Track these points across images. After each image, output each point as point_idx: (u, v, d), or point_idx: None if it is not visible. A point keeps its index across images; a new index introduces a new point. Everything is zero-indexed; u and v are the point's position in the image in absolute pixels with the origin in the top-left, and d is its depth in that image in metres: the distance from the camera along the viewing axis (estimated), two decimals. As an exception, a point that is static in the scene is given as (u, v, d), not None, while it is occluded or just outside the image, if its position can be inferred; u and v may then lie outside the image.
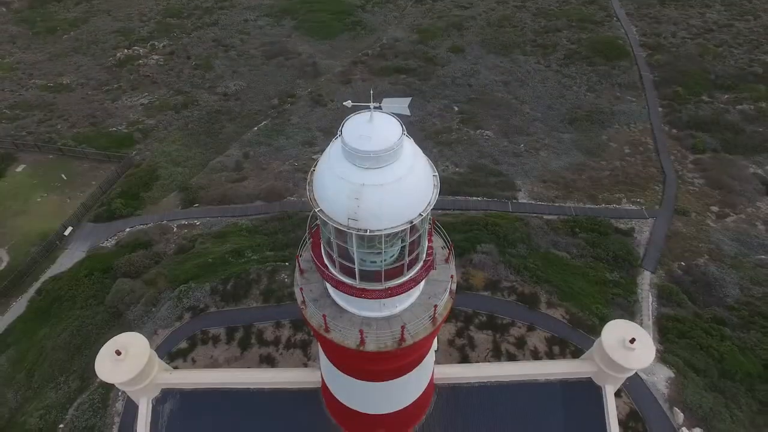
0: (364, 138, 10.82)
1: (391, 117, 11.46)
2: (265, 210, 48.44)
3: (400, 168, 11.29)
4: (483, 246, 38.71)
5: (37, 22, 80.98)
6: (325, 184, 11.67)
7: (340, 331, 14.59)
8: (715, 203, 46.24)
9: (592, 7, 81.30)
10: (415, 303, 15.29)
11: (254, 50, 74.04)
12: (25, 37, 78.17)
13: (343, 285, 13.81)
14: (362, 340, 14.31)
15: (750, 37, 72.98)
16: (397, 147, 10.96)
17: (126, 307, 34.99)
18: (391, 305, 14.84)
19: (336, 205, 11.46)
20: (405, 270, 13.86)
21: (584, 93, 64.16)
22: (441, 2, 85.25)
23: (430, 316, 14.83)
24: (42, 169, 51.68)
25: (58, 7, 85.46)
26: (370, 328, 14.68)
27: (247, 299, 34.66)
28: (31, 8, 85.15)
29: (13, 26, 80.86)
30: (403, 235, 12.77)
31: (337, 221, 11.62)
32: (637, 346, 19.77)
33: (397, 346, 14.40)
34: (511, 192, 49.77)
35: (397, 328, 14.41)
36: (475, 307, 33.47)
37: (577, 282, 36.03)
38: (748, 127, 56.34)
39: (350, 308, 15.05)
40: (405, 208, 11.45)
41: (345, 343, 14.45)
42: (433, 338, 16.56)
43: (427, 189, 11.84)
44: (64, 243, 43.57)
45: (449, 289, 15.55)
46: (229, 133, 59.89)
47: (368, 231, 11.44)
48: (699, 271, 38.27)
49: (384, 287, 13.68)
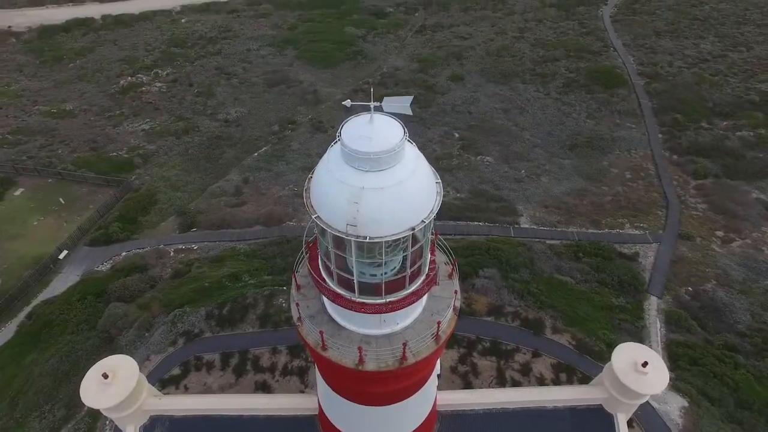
0: (364, 139, 10.35)
1: (393, 119, 11.04)
2: (263, 235, 47.92)
3: (402, 171, 10.77)
4: (485, 270, 37.93)
5: (44, 52, 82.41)
6: (323, 188, 11.14)
7: (338, 349, 13.78)
8: (720, 228, 45.65)
9: (589, 38, 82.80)
10: (417, 320, 14.53)
11: (256, 78, 74.97)
12: (32, 65, 79.40)
13: (341, 298, 13.10)
14: (361, 359, 13.48)
15: (744, 66, 74.05)
16: (398, 149, 10.47)
17: (118, 332, 33.95)
18: (392, 322, 14.07)
19: (334, 210, 10.88)
20: (406, 283, 13.17)
21: (584, 120, 64.51)
22: (441, 33, 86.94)
23: (433, 334, 14.05)
24: (40, 192, 51.37)
25: (66, 37, 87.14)
26: (369, 346, 13.87)
27: (243, 324, 33.65)
28: (40, 39, 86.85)
29: (22, 56, 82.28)
30: (404, 244, 12.17)
31: (336, 228, 11.03)
32: (650, 370, 18.76)
33: (398, 365, 13.55)
34: (513, 217, 49.30)
35: (398, 345, 13.61)
36: (478, 333, 32.43)
37: (583, 307, 35.08)
38: (749, 153, 56.35)
39: (349, 325, 14.28)
40: (407, 213, 10.86)
41: (343, 362, 13.61)
42: (437, 358, 15.68)
43: (430, 194, 11.30)
44: (58, 267, 42.78)
45: (453, 306, 14.81)
46: (229, 158, 59.89)
47: (368, 238, 10.83)
48: (707, 297, 37.34)
49: (384, 301, 12.97)
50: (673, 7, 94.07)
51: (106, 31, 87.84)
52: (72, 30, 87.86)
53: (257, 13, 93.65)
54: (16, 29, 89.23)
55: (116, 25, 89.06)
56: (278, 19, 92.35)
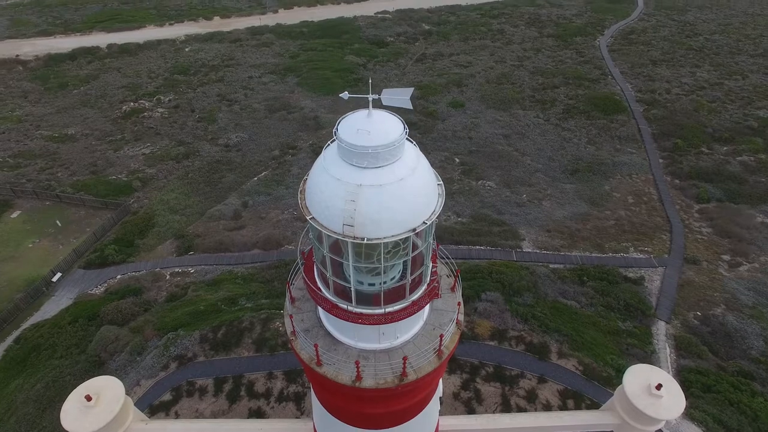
0: (362, 133, 9.81)
1: (392, 115, 10.56)
2: (261, 258, 47.17)
3: (402, 169, 10.20)
4: (488, 294, 36.99)
5: (50, 79, 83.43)
6: (319, 187, 10.53)
7: (334, 365, 12.90)
8: (726, 252, 44.85)
9: (587, 66, 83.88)
10: (418, 334, 13.71)
11: (257, 104, 75.55)
12: (37, 92, 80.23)
13: (338, 309, 12.33)
14: (358, 375, 12.59)
15: (741, 94, 74.78)
16: (398, 143, 9.94)
17: (109, 356, 32.79)
18: (392, 335, 13.25)
19: (330, 210, 10.24)
20: (407, 293, 12.43)
21: (584, 145, 64.54)
22: (441, 61, 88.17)
23: (435, 349, 13.20)
24: (37, 215, 50.86)
25: (72, 65, 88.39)
26: (367, 361, 13.01)
27: (239, 348, 32.51)
28: (46, 67, 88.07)
29: (28, 83, 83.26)
30: (405, 251, 11.48)
31: (331, 229, 10.38)
32: (664, 393, 17.74)
33: (398, 383, 12.65)
34: (515, 241, 48.59)
35: (398, 361, 12.76)
36: (481, 358, 31.26)
37: (589, 331, 33.97)
38: (751, 177, 56.10)
39: (346, 339, 13.44)
40: (407, 213, 10.22)
41: (339, 379, 12.71)
42: (439, 376, 14.75)
43: (431, 194, 10.69)
44: (51, 290, 41.85)
45: (456, 320, 14.01)
46: (229, 182, 59.64)
47: (365, 239, 10.17)
48: (717, 322, 36.25)
49: (383, 312, 12.19)
50: (668, 37, 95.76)
51: (112, 59, 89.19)
52: (78, 58, 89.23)
53: (260, 42, 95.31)
54: (24, 58, 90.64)
55: (121, 54, 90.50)
56: (280, 48, 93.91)
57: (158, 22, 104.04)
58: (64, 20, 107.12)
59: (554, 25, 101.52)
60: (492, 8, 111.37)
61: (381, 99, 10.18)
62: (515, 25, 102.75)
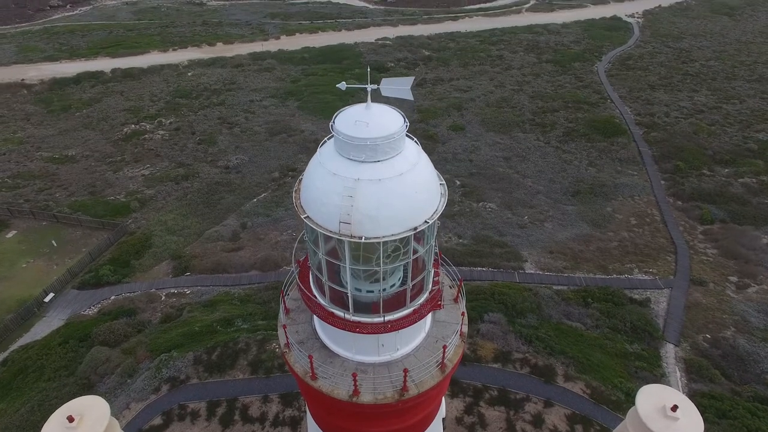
0: (360, 124, 9.32)
1: (392, 108, 10.09)
2: (259, 279, 46.31)
3: (402, 164, 9.66)
4: (490, 315, 36.02)
5: (53, 102, 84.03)
6: (314, 183, 9.99)
7: (330, 378, 12.12)
8: (733, 273, 43.98)
9: (586, 91, 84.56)
10: (420, 346, 12.96)
11: (258, 127, 75.80)
12: (40, 114, 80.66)
13: (334, 317, 11.62)
14: (356, 389, 11.79)
15: (739, 117, 75.08)
16: (398, 136, 9.43)
17: (99, 378, 31.63)
18: (391, 347, 12.50)
19: (326, 207, 9.67)
20: (407, 300, 11.74)
21: (585, 167, 64.36)
22: (441, 86, 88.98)
23: (438, 362, 12.42)
24: (33, 235, 50.21)
25: (76, 89, 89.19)
26: (366, 375, 12.22)
27: (234, 370, 31.39)
28: (50, 90, 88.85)
29: (32, 105, 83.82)
30: (405, 256, 10.84)
31: (327, 228, 9.78)
32: (681, 414, 16.76)
33: (398, 398, 11.84)
34: (518, 263, 47.81)
35: (398, 374, 11.97)
36: (485, 381, 30.11)
37: (595, 354, 32.87)
38: (753, 199, 55.65)
39: (343, 352, 12.69)
40: (407, 210, 9.64)
41: (335, 394, 11.91)
42: (442, 392, 13.89)
43: (433, 192, 10.13)
44: (43, 310, 40.85)
45: (460, 331, 13.26)
46: (228, 204, 59.20)
47: (363, 238, 9.56)
48: (727, 345, 35.14)
49: (382, 320, 11.48)
50: (665, 63, 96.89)
51: (115, 83, 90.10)
52: (82, 82, 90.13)
53: (261, 67, 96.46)
54: (29, 82, 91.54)
55: (125, 78, 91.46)
56: (282, 72, 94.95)
57: (162, 47, 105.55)
58: (70, 46, 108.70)
59: (552, 52, 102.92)
60: (491, 35, 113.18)
61: (380, 89, 9.71)
62: (514, 51, 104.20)
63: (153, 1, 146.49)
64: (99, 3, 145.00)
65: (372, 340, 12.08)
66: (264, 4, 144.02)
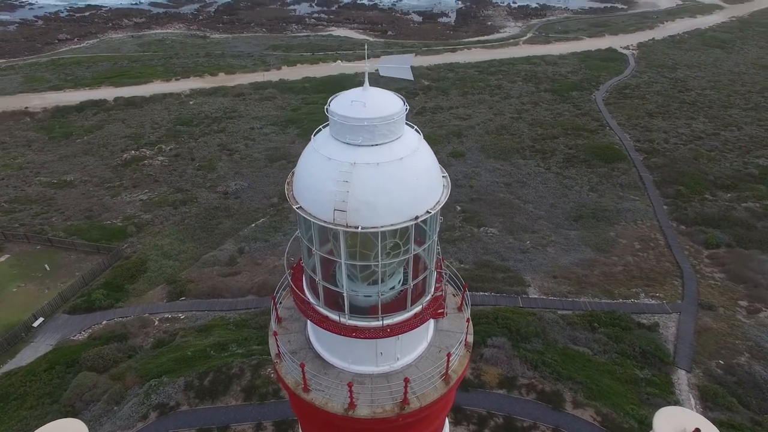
0: (356, 104, 8.70)
1: (392, 93, 9.51)
2: (256, 304, 45.22)
3: (402, 148, 9.00)
4: (494, 339, 34.79)
5: (55, 129, 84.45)
6: (308, 169, 9.29)
7: (324, 391, 11.11)
8: (743, 298, 42.84)
9: (585, 118, 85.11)
10: (422, 356, 12.00)
11: (258, 154, 75.85)
12: (41, 141, 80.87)
13: (329, 321, 10.72)
14: (352, 402, 10.77)
15: (738, 144, 75.27)
16: (397, 118, 8.80)
17: (84, 406, 30.16)
18: (391, 356, 11.54)
19: (320, 194, 8.94)
20: (408, 303, 10.87)
21: (587, 192, 63.96)
22: (441, 114, 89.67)
23: (442, 373, 11.44)
24: (26, 259, 49.27)
25: (78, 116, 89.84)
26: (363, 386, 11.22)
27: (226, 396, 29.98)
28: (53, 118, 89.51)
29: (33, 132, 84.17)
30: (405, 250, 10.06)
31: (320, 218, 9.03)
32: (702, 438, 15.57)
33: (398, 411, 10.80)
34: (521, 287, 46.77)
35: (398, 386, 10.97)
36: (489, 407, 28.70)
37: (604, 379, 31.48)
38: (758, 223, 54.98)
39: (338, 362, 11.72)
40: (407, 198, 8.91)
41: (329, 407, 10.88)
42: (447, 408, 12.81)
43: (435, 179, 9.43)
44: (31, 336, 39.51)
45: (465, 341, 12.33)
46: (226, 229, 58.52)
47: (360, 227, 8.80)
48: (743, 371, 33.72)
49: (381, 324, 10.59)
50: (661, 92, 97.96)
51: (117, 110, 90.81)
52: (85, 110, 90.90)
53: (262, 96, 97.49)
54: (33, 110, 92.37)
55: (127, 106, 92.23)
56: (282, 101, 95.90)
57: (165, 77, 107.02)
58: (75, 76, 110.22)
59: (551, 81, 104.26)
60: (489, 66, 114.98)
61: (378, 69, 9.14)
62: (512, 81, 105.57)
63: (158, 34, 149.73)
64: (105, 36, 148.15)
65: (370, 348, 11.16)
66: (266, 37, 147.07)
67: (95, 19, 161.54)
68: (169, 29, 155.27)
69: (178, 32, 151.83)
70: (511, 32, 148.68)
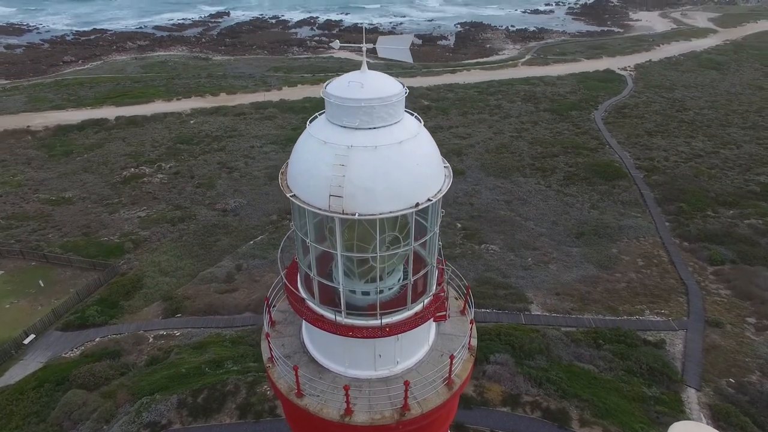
0: (354, 85, 8.31)
1: (391, 78, 9.13)
2: (253, 321, 44.31)
3: (401, 132, 8.57)
4: (497, 356, 33.85)
5: (56, 147, 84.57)
6: (303, 155, 8.83)
7: (319, 396, 10.43)
8: (751, 314, 41.98)
9: (584, 137, 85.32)
10: (423, 361, 11.36)
11: (257, 172, 75.73)
12: (41, 159, 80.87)
13: (324, 321, 10.12)
14: (348, 408, 10.09)
15: (738, 161, 75.24)
16: (396, 100, 8.39)
17: (72, 425, 29.08)
18: (390, 359, 10.89)
19: (315, 179, 8.47)
20: (408, 300, 10.29)
21: (588, 210, 63.57)
22: (440, 133, 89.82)
23: (444, 377, 10.78)
24: (21, 275, 48.54)
25: (79, 135, 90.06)
26: (360, 391, 10.55)
27: (220, 414, 28.95)
28: (54, 136, 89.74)
29: (34, 150, 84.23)
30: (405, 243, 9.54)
31: (315, 205, 8.54)
32: (719, 452, 14.79)
33: (398, 418, 10.11)
34: (523, 304, 45.99)
35: (398, 389, 10.31)
36: (493, 426, 27.67)
37: (611, 397, 30.48)
38: (762, 239, 54.44)
39: (334, 366, 11.08)
40: (407, 183, 8.44)
41: (324, 414, 10.19)
42: (450, 417, 12.06)
43: (436, 166, 8.97)
44: (21, 353, 38.51)
45: (468, 344, 11.69)
46: (224, 246, 57.94)
47: (357, 215, 8.30)
48: (755, 390, 32.69)
49: (379, 323, 9.99)
50: (659, 111, 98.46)
51: (118, 129, 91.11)
52: (86, 129, 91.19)
53: (263, 115, 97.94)
54: (34, 128, 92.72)
55: (128, 125, 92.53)
56: (283, 120, 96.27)
57: (166, 97, 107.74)
58: (77, 96, 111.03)
59: (549, 101, 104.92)
60: (488, 86, 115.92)
61: (376, 49, 8.77)
62: (512, 101, 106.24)
63: (161, 56, 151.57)
64: (109, 58, 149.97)
65: (368, 350, 10.53)
66: (267, 59, 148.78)
67: (100, 42, 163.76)
68: (172, 51, 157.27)
69: (181, 54, 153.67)
70: (510, 54, 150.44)
